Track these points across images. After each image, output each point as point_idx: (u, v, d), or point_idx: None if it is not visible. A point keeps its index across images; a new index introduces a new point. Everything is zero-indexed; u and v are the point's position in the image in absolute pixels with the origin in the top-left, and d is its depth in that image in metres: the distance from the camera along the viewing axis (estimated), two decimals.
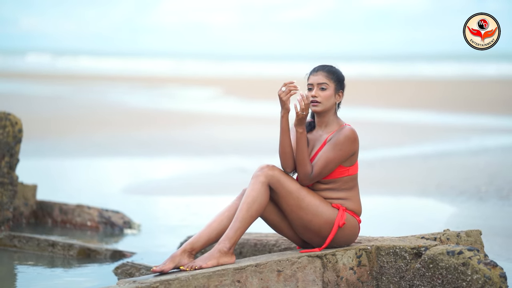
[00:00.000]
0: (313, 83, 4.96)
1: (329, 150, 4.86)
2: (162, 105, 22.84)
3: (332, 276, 4.91)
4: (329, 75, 4.97)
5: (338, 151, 4.86)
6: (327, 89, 4.95)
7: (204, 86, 33.03)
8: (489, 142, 13.98)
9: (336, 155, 4.86)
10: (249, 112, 20.89)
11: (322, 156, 4.88)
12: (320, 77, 4.96)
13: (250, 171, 10.80)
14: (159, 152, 12.95)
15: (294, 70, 51.28)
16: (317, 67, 5.03)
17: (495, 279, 4.51)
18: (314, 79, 4.97)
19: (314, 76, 4.98)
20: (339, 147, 4.86)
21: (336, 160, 4.86)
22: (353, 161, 4.95)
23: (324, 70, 4.98)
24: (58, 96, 25.23)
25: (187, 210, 8.51)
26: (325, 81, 4.95)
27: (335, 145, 4.86)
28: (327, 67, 5.01)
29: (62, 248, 6.43)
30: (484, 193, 8.96)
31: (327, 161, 4.86)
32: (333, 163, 4.87)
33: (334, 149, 4.86)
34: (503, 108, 20.95)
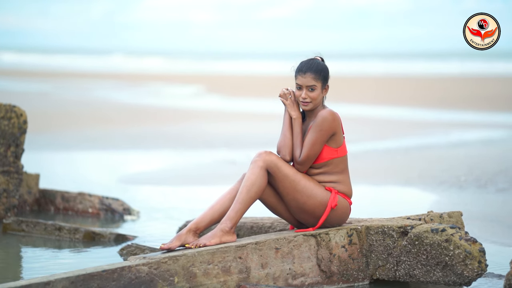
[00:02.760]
0: (302, 84, 5.36)
1: (311, 133, 5.30)
2: (147, 101, 23.15)
3: (326, 254, 5.31)
4: (317, 75, 5.35)
5: (318, 132, 5.27)
6: (315, 90, 5.36)
7: (187, 83, 33.32)
8: (468, 136, 14.46)
9: (317, 135, 5.27)
10: (233, 108, 21.26)
11: (306, 140, 5.32)
12: (308, 79, 5.34)
13: (239, 163, 11.21)
14: (150, 146, 13.33)
15: (275, 68, 51.64)
16: (305, 67, 5.38)
17: (475, 254, 4.93)
18: (303, 81, 5.35)
19: (302, 78, 5.35)
20: (318, 128, 5.27)
21: (318, 140, 5.28)
22: (339, 142, 5.35)
23: (312, 71, 5.35)
24: (42, 93, 25.44)
25: (180, 199, 8.90)
26: (313, 83, 5.34)
27: (315, 127, 5.29)
28: (313, 66, 5.37)
29: (68, 232, 6.80)
30: (463, 182, 9.41)
31: (311, 143, 5.28)
32: (317, 144, 5.28)
33: (314, 130, 5.29)
34: (481, 104, 21.47)
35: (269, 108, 21.25)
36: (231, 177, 9.93)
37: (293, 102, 5.44)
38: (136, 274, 4.80)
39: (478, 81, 31.91)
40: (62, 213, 7.96)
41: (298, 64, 5.44)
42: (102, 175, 10.61)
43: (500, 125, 16.47)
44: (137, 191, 9.31)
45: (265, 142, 13.61)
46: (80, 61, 59.89)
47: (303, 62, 5.42)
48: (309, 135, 5.31)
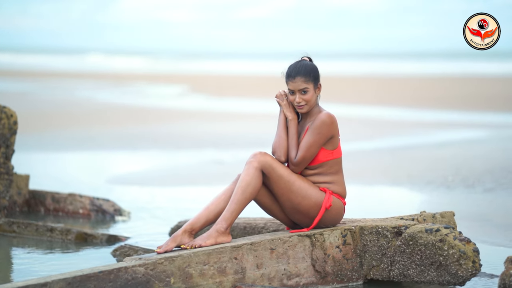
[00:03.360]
0: (294, 89, 5.37)
1: (308, 135, 5.32)
2: (131, 101, 23.12)
3: (320, 254, 5.34)
4: (307, 77, 5.36)
5: (317, 135, 5.30)
6: (308, 92, 5.38)
7: (170, 83, 33.31)
8: (452, 136, 14.55)
9: (315, 138, 5.30)
10: (218, 108, 21.28)
11: (303, 142, 5.34)
12: (299, 83, 5.35)
13: (226, 163, 11.23)
14: (137, 146, 13.32)
15: (257, 67, 51.71)
16: (294, 71, 5.37)
17: (469, 253, 4.98)
18: (294, 86, 5.37)
19: (293, 82, 5.36)
20: (317, 131, 5.30)
21: (316, 143, 5.31)
22: (335, 145, 5.39)
23: (301, 75, 5.35)
24: (23, 92, 25.36)
25: (170, 199, 8.90)
26: (305, 86, 5.35)
27: (313, 130, 5.31)
28: (301, 69, 5.37)
29: (60, 233, 6.79)
30: (451, 182, 9.47)
31: (308, 146, 5.31)
32: (314, 147, 5.31)
33: (312, 133, 5.31)
34: (465, 104, 21.60)
35: (255, 108, 21.31)
36: (219, 178, 9.99)
37: (288, 103, 5.47)
38: (133, 275, 4.81)
39: (462, 81, 32.10)
40: (52, 214, 7.94)
41: (286, 69, 5.45)
42: (90, 175, 10.59)
43: (484, 124, 16.57)
44: (126, 191, 9.30)
45: (252, 142, 13.66)
46: (60, 61, 59.64)
47: (291, 66, 5.43)
48: (306, 137, 5.33)
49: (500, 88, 27.87)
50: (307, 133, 5.35)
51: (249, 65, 56.42)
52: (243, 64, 58.34)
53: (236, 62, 62.49)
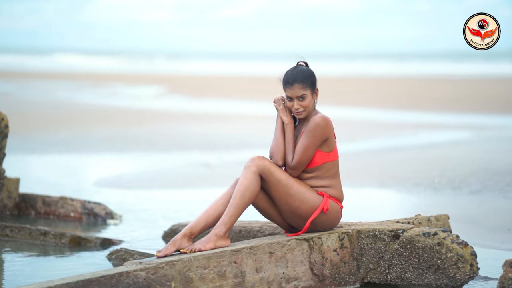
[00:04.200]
0: (292, 96, 5.41)
1: (303, 139, 5.38)
2: (110, 102, 23.08)
3: (318, 257, 5.38)
4: (304, 84, 5.40)
5: (311, 138, 5.35)
6: (306, 98, 5.42)
7: (148, 84, 33.27)
8: (435, 137, 14.65)
9: (310, 141, 5.35)
10: (198, 109, 21.30)
11: (298, 145, 5.39)
12: (296, 90, 5.39)
13: (212, 165, 11.25)
14: (121, 148, 13.30)
15: (235, 67, 51.74)
16: (291, 78, 5.41)
17: (467, 257, 5.04)
18: (292, 93, 5.41)
19: (291, 90, 5.40)
20: (311, 134, 5.35)
21: (311, 146, 5.35)
22: (331, 147, 5.43)
23: (298, 81, 5.39)
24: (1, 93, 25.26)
25: (159, 202, 8.90)
26: (302, 92, 5.40)
27: (308, 133, 5.36)
28: (298, 75, 5.41)
29: (54, 236, 6.78)
30: (438, 184, 9.55)
31: (303, 149, 5.35)
32: (309, 149, 5.35)
33: (307, 136, 5.36)
34: (446, 105, 21.76)
35: (236, 109, 21.35)
36: (206, 180, 10.00)
37: (285, 108, 5.52)
38: (134, 280, 4.83)
39: (443, 82, 32.31)
40: (43, 217, 7.92)
41: (283, 75, 5.48)
42: (76, 178, 10.56)
43: (466, 126, 16.70)
44: (114, 194, 9.28)
45: (237, 143, 13.70)
46: (35, 61, 59.29)
47: (288, 72, 5.46)
48: (301, 140, 5.38)
49: (479, 89, 28.10)
50: (302, 136, 5.40)
51: (227, 65, 56.44)
52: (221, 64, 58.37)
53: (214, 62, 62.48)
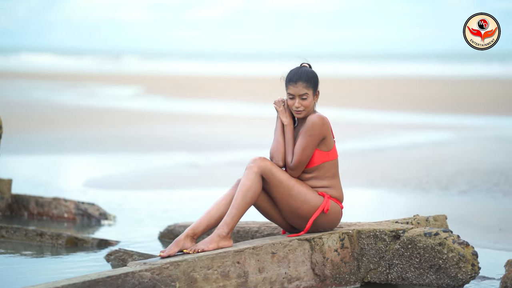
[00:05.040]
0: (294, 94, 5.46)
1: (301, 139, 5.42)
2: (88, 103, 23.02)
3: (319, 257, 5.43)
4: (308, 84, 5.46)
5: (309, 137, 5.40)
6: (308, 98, 5.47)
7: (125, 84, 33.21)
8: (418, 138, 14.76)
9: (308, 140, 5.40)
10: (179, 109, 21.29)
11: (297, 146, 5.43)
12: (300, 88, 5.44)
13: (200, 166, 11.27)
14: (107, 149, 13.27)
15: (211, 67, 51.75)
16: (296, 76, 5.46)
17: (468, 257, 5.10)
18: (295, 91, 5.45)
19: (294, 87, 5.45)
20: (309, 133, 5.40)
21: (309, 145, 5.40)
22: (329, 146, 5.48)
23: (303, 80, 5.44)
24: None
25: (150, 203, 8.90)
26: (305, 92, 5.45)
27: (305, 132, 5.41)
28: (303, 75, 5.47)
29: (50, 237, 6.77)
30: (426, 185, 9.63)
31: (302, 148, 5.40)
32: (308, 148, 5.40)
33: (304, 136, 5.41)
34: (427, 105, 21.92)
35: (216, 109, 21.36)
36: (195, 180, 10.02)
37: (285, 109, 5.56)
38: (139, 280, 4.85)
39: (423, 83, 32.52)
40: (36, 218, 7.90)
41: (287, 74, 5.53)
42: (66, 180, 10.52)
43: (447, 126, 16.83)
44: (103, 195, 9.24)
45: (223, 144, 13.72)
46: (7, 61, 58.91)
47: (293, 71, 5.51)
48: (299, 140, 5.43)
49: (459, 90, 28.32)
50: (300, 136, 5.44)
51: (203, 65, 56.44)
52: (197, 64, 58.35)
53: (190, 62, 62.46)
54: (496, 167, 10.91)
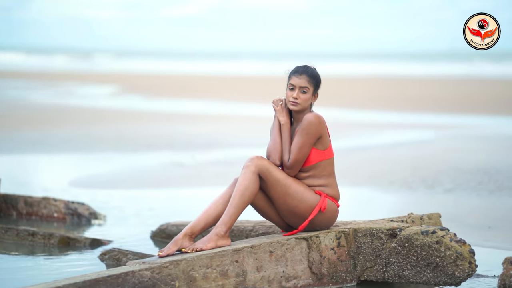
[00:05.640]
0: (296, 85, 5.50)
1: (297, 137, 5.45)
2: (66, 102, 22.90)
3: (316, 256, 5.45)
4: (311, 79, 5.52)
5: (305, 136, 5.43)
6: (307, 93, 5.52)
7: (101, 83, 33.09)
8: (399, 137, 14.83)
9: (305, 139, 5.43)
10: (159, 108, 21.24)
11: (293, 144, 5.47)
12: (303, 81, 5.50)
13: (186, 165, 11.26)
14: (91, 148, 13.20)
15: (187, 67, 51.64)
16: (301, 69, 5.54)
17: (465, 255, 5.15)
18: (297, 82, 5.50)
19: (297, 78, 5.51)
20: (305, 132, 5.43)
21: (306, 143, 5.43)
22: (325, 144, 5.52)
23: (307, 74, 5.51)
24: None
25: (138, 202, 8.89)
26: (307, 85, 5.50)
27: (302, 131, 5.44)
28: (309, 70, 5.55)
29: (42, 237, 6.74)
30: (412, 183, 9.70)
31: (299, 147, 5.43)
32: (305, 147, 5.43)
33: (301, 134, 5.44)
34: (406, 105, 22.03)
35: (196, 108, 21.33)
36: (181, 179, 10.01)
37: (282, 108, 5.58)
38: (140, 279, 4.86)
39: (400, 82, 32.67)
40: (25, 218, 7.86)
41: (293, 68, 5.59)
42: (51, 179, 10.46)
43: (428, 125, 16.92)
44: (93, 194, 9.22)
45: (206, 143, 13.70)
46: None
47: (300, 65, 5.59)
48: (296, 139, 5.45)
49: (436, 89, 28.48)
50: (296, 135, 5.47)
51: (179, 64, 56.33)
52: (173, 63, 58.23)
53: (166, 61, 62.31)
54: (478, 165, 11.00)
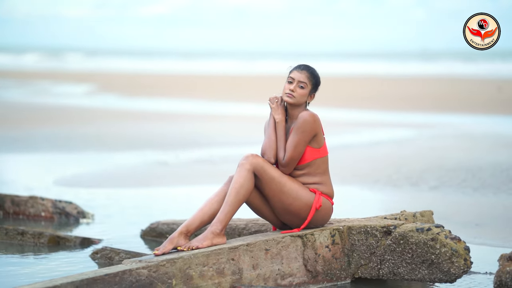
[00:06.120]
0: (295, 78, 5.54)
1: (293, 135, 5.47)
2: (41, 101, 22.76)
3: (311, 254, 5.46)
4: (311, 77, 5.56)
5: (301, 134, 5.45)
6: (305, 88, 5.54)
7: (76, 82, 32.95)
8: (379, 136, 14.89)
9: (300, 137, 5.44)
10: (136, 107, 21.17)
11: (289, 142, 5.48)
12: (303, 76, 5.54)
13: (171, 164, 11.23)
14: (72, 147, 13.13)
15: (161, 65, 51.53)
16: (304, 66, 5.60)
17: (460, 252, 5.17)
18: (297, 76, 5.54)
19: (298, 73, 5.55)
20: (301, 130, 5.45)
21: (301, 142, 5.45)
22: (320, 143, 5.53)
23: (308, 72, 5.57)
24: None
25: (125, 200, 8.85)
26: (305, 81, 5.53)
27: (297, 129, 5.46)
28: (311, 69, 5.60)
29: (32, 236, 6.69)
30: (396, 181, 9.74)
31: (294, 145, 5.44)
32: (300, 145, 5.45)
33: (296, 132, 5.46)
34: (385, 103, 22.12)
35: (174, 107, 21.30)
36: (166, 178, 9.99)
37: (277, 106, 5.59)
38: (137, 278, 4.84)
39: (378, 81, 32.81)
40: (12, 217, 7.80)
41: (296, 64, 5.65)
42: (35, 179, 10.37)
43: (407, 124, 16.99)
44: (79, 194, 9.16)
45: (188, 142, 13.69)
46: None
47: (303, 63, 5.64)
48: (291, 137, 5.47)
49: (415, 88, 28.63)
50: (291, 133, 5.49)
51: (152, 63, 56.21)
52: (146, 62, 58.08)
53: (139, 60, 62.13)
54: (460, 163, 11.07)
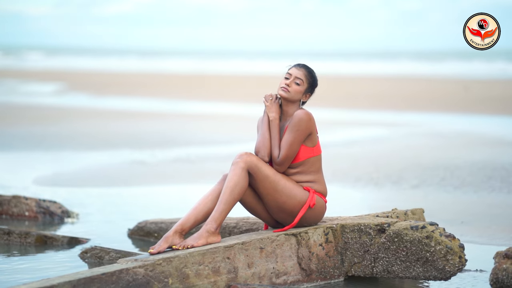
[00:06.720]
0: (292, 74, 5.57)
1: (288, 134, 5.47)
2: (9, 100, 22.55)
3: (306, 252, 5.46)
4: (308, 76, 5.59)
5: (296, 132, 5.45)
6: (300, 86, 5.55)
7: (43, 80, 32.71)
8: (354, 134, 14.95)
9: (295, 135, 5.45)
10: (108, 106, 21.05)
11: (283, 141, 5.47)
12: (300, 73, 5.57)
13: (148, 163, 11.18)
14: (48, 146, 13.01)
15: (129, 64, 51.35)
16: (303, 64, 5.64)
17: (455, 249, 5.20)
18: (294, 72, 5.57)
19: (296, 69, 5.58)
20: (295, 128, 5.45)
21: (296, 140, 5.45)
22: (314, 142, 5.54)
23: (306, 70, 5.60)
24: None
25: (107, 199, 8.79)
26: (302, 78, 5.55)
27: (292, 128, 5.46)
28: (309, 69, 5.63)
29: (18, 236, 6.62)
30: (377, 179, 9.77)
31: (289, 143, 5.45)
32: (295, 144, 5.45)
33: (291, 131, 5.46)
34: (359, 102, 22.22)
35: (146, 106, 21.23)
36: (144, 177, 9.95)
37: (272, 104, 5.58)
38: (133, 277, 4.81)
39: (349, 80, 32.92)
40: None
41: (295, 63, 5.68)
42: (14, 178, 10.25)
43: (380, 123, 17.06)
44: (60, 193, 9.07)
45: (164, 141, 13.64)
46: None
47: (302, 63, 5.67)
48: (286, 135, 5.46)
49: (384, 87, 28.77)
50: (286, 131, 5.49)
51: (118, 62, 56.00)
52: (111, 61, 57.86)
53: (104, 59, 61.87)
54: (437, 162, 11.14)
